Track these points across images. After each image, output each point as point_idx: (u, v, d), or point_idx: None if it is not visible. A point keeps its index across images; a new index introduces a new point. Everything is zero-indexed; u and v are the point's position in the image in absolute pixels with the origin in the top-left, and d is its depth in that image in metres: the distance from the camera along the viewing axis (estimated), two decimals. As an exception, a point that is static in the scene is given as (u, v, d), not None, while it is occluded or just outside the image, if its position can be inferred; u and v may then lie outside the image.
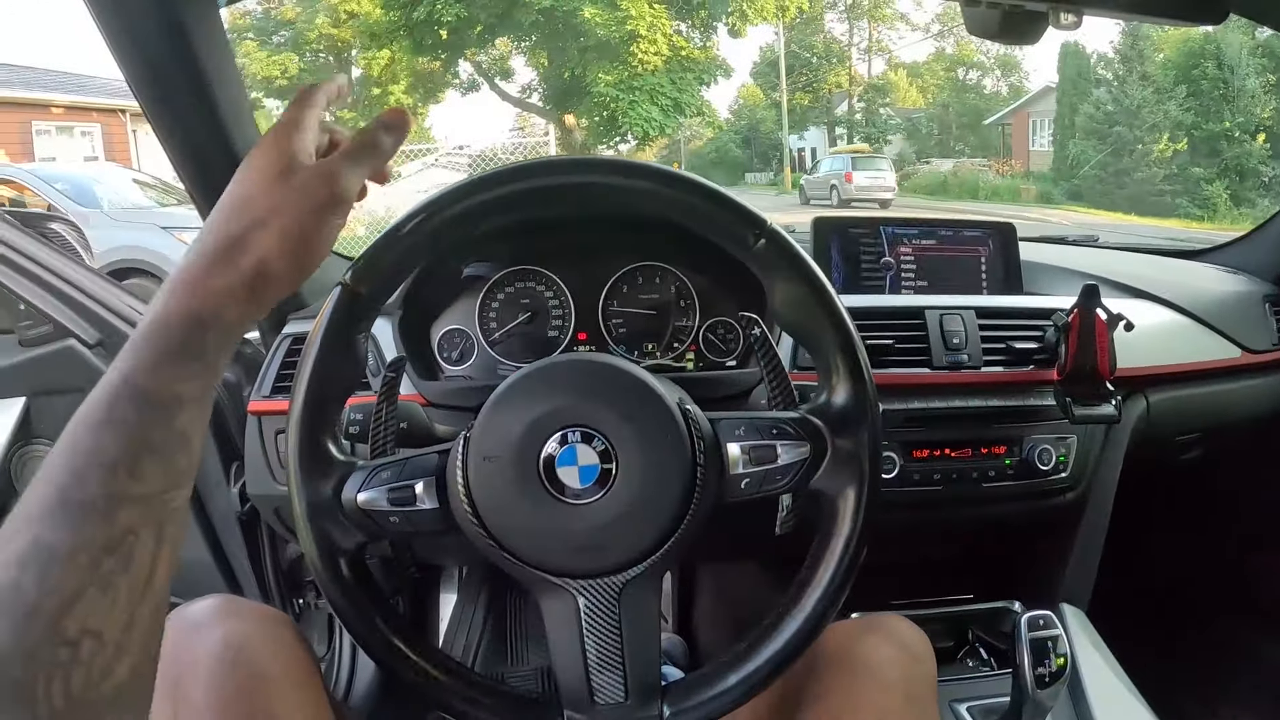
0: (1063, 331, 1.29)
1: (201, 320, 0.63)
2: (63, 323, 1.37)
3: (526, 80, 27.51)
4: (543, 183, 0.83)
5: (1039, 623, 1.15)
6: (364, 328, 0.83)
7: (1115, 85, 21.26)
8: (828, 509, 0.84)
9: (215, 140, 1.28)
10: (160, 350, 0.61)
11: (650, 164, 0.84)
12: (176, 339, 0.62)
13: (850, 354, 0.84)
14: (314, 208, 0.69)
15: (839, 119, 32.49)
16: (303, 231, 0.68)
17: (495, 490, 0.79)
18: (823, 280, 0.84)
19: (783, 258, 0.84)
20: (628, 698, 0.80)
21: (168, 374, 0.61)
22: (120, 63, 1.18)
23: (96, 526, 0.55)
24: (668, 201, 0.83)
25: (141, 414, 0.59)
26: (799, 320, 0.86)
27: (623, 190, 0.83)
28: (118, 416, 0.58)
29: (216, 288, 0.64)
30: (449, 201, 0.82)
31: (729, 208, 0.83)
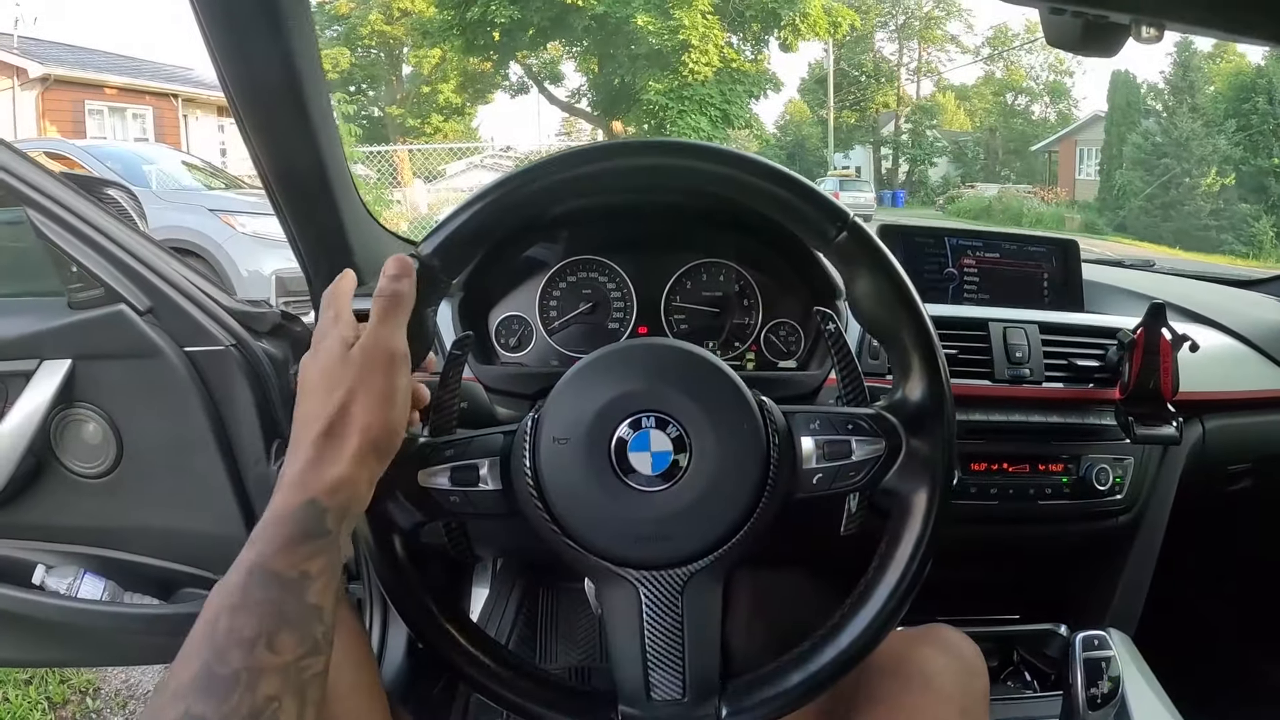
0: (1127, 350, 1.28)
1: (317, 504, 0.68)
2: (114, 287, 1.36)
3: (576, 85, 27.67)
4: (626, 163, 0.83)
5: (1093, 643, 1.14)
6: (434, 301, 0.83)
7: (1164, 116, 21.10)
8: (898, 509, 0.83)
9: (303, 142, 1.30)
10: (286, 536, 0.67)
11: (737, 150, 0.83)
12: (299, 522, 0.67)
13: (928, 351, 0.83)
14: (382, 373, 0.73)
15: (884, 139, 32.38)
16: (382, 395, 0.73)
17: (563, 473, 0.79)
18: (903, 276, 0.83)
19: (865, 251, 0.83)
20: (685, 694, 0.79)
21: (296, 555, 0.66)
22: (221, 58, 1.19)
23: (241, 697, 0.60)
24: (751, 189, 0.82)
25: (273, 594, 0.65)
26: (878, 315, 0.86)
27: (706, 175, 0.82)
28: (252, 599, 0.64)
29: (327, 475, 0.69)
30: (529, 178, 0.81)
31: (813, 199, 0.82)
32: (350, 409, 0.71)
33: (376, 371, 0.73)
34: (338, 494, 0.69)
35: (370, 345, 0.74)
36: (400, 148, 17.07)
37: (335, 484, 0.69)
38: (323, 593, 0.67)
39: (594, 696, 0.83)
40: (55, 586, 1.47)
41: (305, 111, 1.27)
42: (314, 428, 0.71)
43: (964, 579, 1.52)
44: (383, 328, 0.75)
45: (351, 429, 0.71)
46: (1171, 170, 19.70)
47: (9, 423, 1.38)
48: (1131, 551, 1.48)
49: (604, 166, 0.82)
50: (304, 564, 0.66)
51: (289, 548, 0.66)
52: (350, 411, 0.71)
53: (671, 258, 1.40)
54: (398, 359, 0.75)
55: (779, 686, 0.80)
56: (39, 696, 2.36)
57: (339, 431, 0.71)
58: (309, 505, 0.68)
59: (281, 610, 0.64)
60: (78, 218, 1.36)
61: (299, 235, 1.40)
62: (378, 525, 0.82)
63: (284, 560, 0.66)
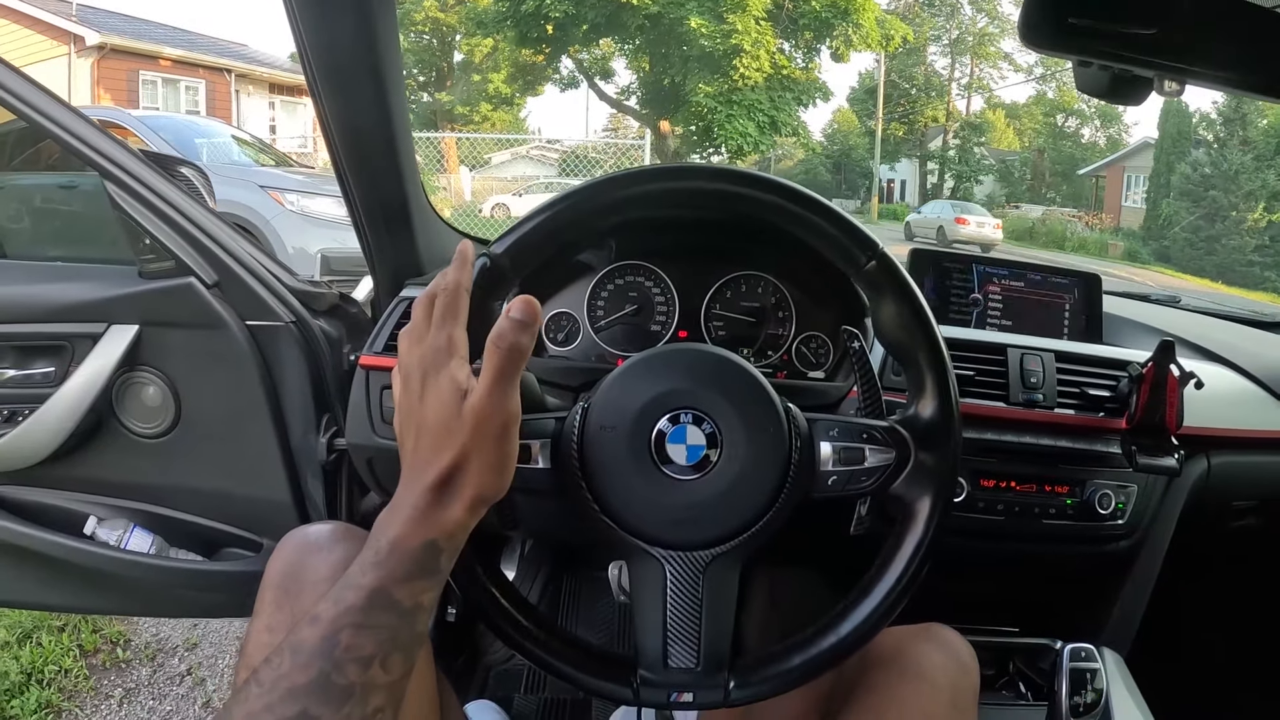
0: (1136, 382, 1.33)
1: (436, 545, 0.74)
2: (185, 260, 1.44)
3: (626, 83, 27.58)
4: (690, 185, 0.92)
5: (1080, 654, 1.20)
6: (501, 295, 0.91)
7: (1215, 148, 20.82)
8: (902, 514, 0.92)
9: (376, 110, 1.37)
10: (408, 570, 0.72)
11: (781, 180, 0.92)
12: (419, 560, 0.73)
13: (941, 375, 0.91)
14: (495, 440, 0.75)
15: (932, 154, 32.17)
16: (495, 462, 0.76)
17: (606, 458, 0.88)
18: (924, 305, 0.92)
19: (890, 280, 0.92)
20: (698, 665, 0.88)
21: (414, 588, 0.72)
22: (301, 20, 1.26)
23: (354, 706, 0.67)
24: (791, 216, 0.91)
25: (392, 619, 0.71)
26: (898, 338, 0.94)
27: (753, 201, 0.91)
28: (374, 621, 0.70)
29: (445, 520, 0.74)
30: (597, 192, 0.91)
31: (846, 229, 0.91)
32: (465, 468, 0.74)
33: (490, 438, 0.75)
34: (453, 538, 0.75)
35: (488, 410, 0.74)
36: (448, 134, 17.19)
37: (452, 529, 0.74)
38: (427, 623, 0.75)
39: (617, 660, 0.91)
40: (105, 538, 1.55)
41: (381, 80, 1.34)
42: (429, 474, 0.74)
43: (967, 590, 1.58)
44: (499, 387, 0.75)
45: (467, 485, 0.74)
46: (1218, 203, 19.48)
47: (74, 381, 1.46)
48: (1130, 576, 1.53)
49: (669, 187, 0.92)
50: (419, 596, 0.73)
51: (410, 580, 0.72)
52: (465, 470, 0.74)
53: (714, 268, 1.48)
54: (511, 424, 0.76)
55: (782, 666, 0.89)
56: (71, 644, 2.46)
57: (455, 485, 0.74)
58: (430, 546, 0.73)
59: (397, 636, 0.71)
60: (152, 192, 1.43)
61: (362, 210, 1.47)
62: None
63: (405, 591, 0.72)
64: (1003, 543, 1.41)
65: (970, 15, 31.59)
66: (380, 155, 1.42)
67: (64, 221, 2.30)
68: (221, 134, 8.88)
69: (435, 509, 0.74)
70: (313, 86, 1.33)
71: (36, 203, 2.29)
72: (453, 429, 0.74)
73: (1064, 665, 1.19)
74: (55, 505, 1.60)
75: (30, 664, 2.34)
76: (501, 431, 0.75)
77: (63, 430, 1.49)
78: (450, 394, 0.75)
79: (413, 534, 0.73)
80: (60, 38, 15.09)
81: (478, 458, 0.75)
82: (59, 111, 1.39)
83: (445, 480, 0.74)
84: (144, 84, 16.48)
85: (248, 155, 8.47)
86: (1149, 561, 1.51)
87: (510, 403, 0.76)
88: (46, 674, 2.33)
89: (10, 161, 2.44)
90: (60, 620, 2.55)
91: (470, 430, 0.74)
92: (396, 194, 1.47)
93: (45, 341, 1.50)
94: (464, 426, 0.74)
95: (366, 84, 1.34)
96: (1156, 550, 1.51)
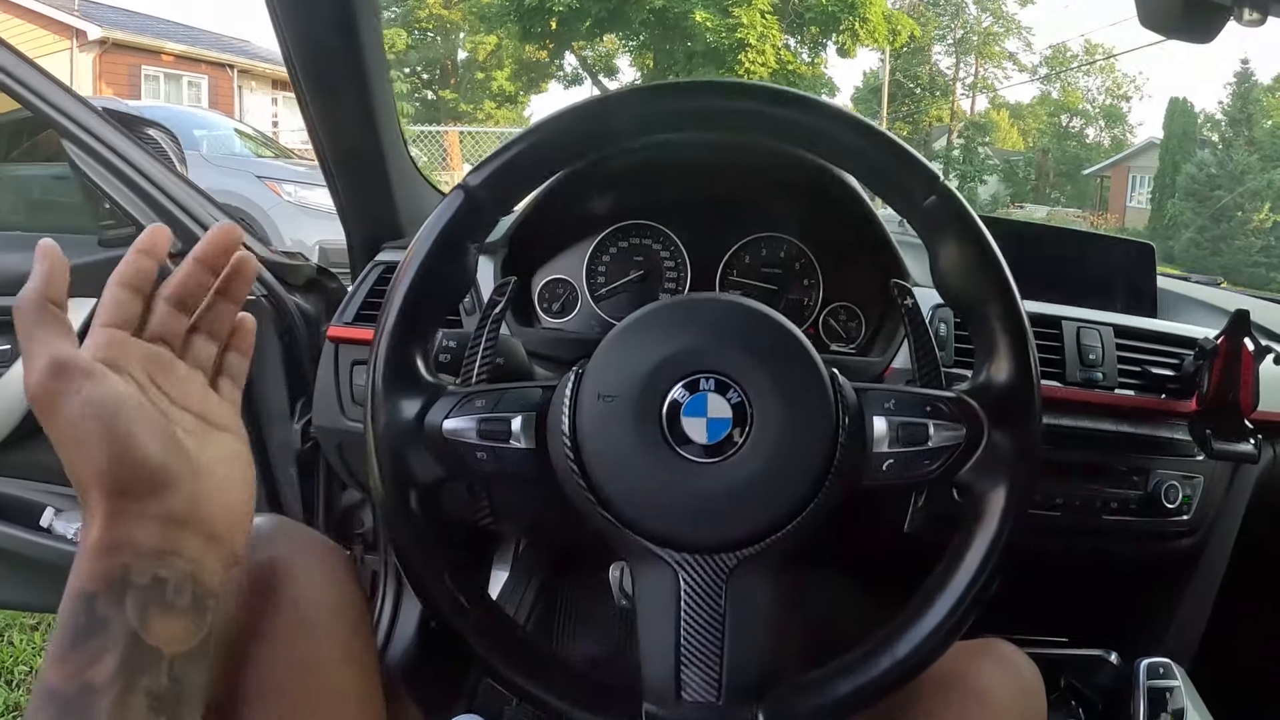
0: (1208, 358, 1.19)
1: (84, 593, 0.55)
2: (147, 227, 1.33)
3: (630, 79, 27.55)
4: (710, 104, 0.75)
5: (1158, 671, 1.07)
6: (479, 236, 0.76)
7: (1220, 148, 20.85)
8: (972, 507, 0.76)
9: (361, 119, 1.30)
10: (58, 643, 0.54)
11: (824, 101, 0.75)
12: (68, 626, 0.54)
13: (1018, 331, 0.75)
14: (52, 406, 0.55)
15: (936, 153, 32.11)
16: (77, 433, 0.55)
17: (605, 435, 0.71)
18: (995, 248, 0.75)
19: (955, 218, 0.75)
20: (720, 698, 0.71)
21: (70, 665, 0.53)
22: (282, 16, 1.18)
23: None
24: (836, 145, 0.75)
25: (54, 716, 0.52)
26: (964, 288, 0.78)
27: (791, 124, 0.74)
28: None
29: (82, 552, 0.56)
30: (606, 109, 0.75)
31: (903, 158, 0.75)
32: (70, 467, 0.56)
33: (44, 407, 0.55)
34: (101, 568, 0.55)
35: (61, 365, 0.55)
36: (451, 129, 17.13)
37: (92, 558, 0.55)
38: (118, 707, 0.53)
39: (617, 692, 0.74)
40: (63, 530, 1.46)
41: (364, 78, 1.26)
42: None
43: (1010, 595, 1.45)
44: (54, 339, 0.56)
45: (83, 486, 0.56)
46: (1224, 203, 19.41)
47: (27, 359, 1.35)
48: (1192, 579, 1.39)
49: (688, 105, 0.75)
50: (83, 673, 0.52)
51: (62, 656, 0.53)
52: (71, 468, 0.56)
53: (730, 229, 1.33)
54: (58, 375, 0.55)
55: (826, 696, 0.72)
56: (43, 642, 2.35)
57: (81, 493, 0.56)
58: (76, 597, 0.54)
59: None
60: (115, 154, 1.33)
61: (331, 154, 1.36)
62: (391, 478, 0.74)
63: (59, 673, 0.52)
64: (1053, 540, 1.26)
65: (975, 14, 31.53)
66: (351, 97, 1.30)
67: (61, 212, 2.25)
68: (223, 126, 9.12)
69: (81, 545, 0.56)
70: (294, 75, 1.24)
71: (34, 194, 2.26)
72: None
73: (1141, 683, 1.05)
74: (9, 495, 1.49)
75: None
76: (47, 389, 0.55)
77: (16, 413, 1.39)
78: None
79: (67, 590, 0.55)
80: (62, 32, 15.13)
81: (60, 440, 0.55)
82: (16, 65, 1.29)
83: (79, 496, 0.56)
84: (146, 79, 16.56)
85: (248, 148, 8.57)
86: (1215, 561, 1.37)
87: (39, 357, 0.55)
88: (16, 675, 2.22)
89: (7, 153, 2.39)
90: (34, 619, 2.43)
91: (43, 418, 0.55)
92: (370, 142, 1.34)
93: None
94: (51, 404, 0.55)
95: (348, 72, 1.25)
96: (1223, 548, 1.37)
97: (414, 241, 0.75)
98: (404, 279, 0.74)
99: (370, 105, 1.30)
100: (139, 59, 16.30)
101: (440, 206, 0.75)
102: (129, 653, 0.54)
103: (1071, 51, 31.77)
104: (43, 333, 0.56)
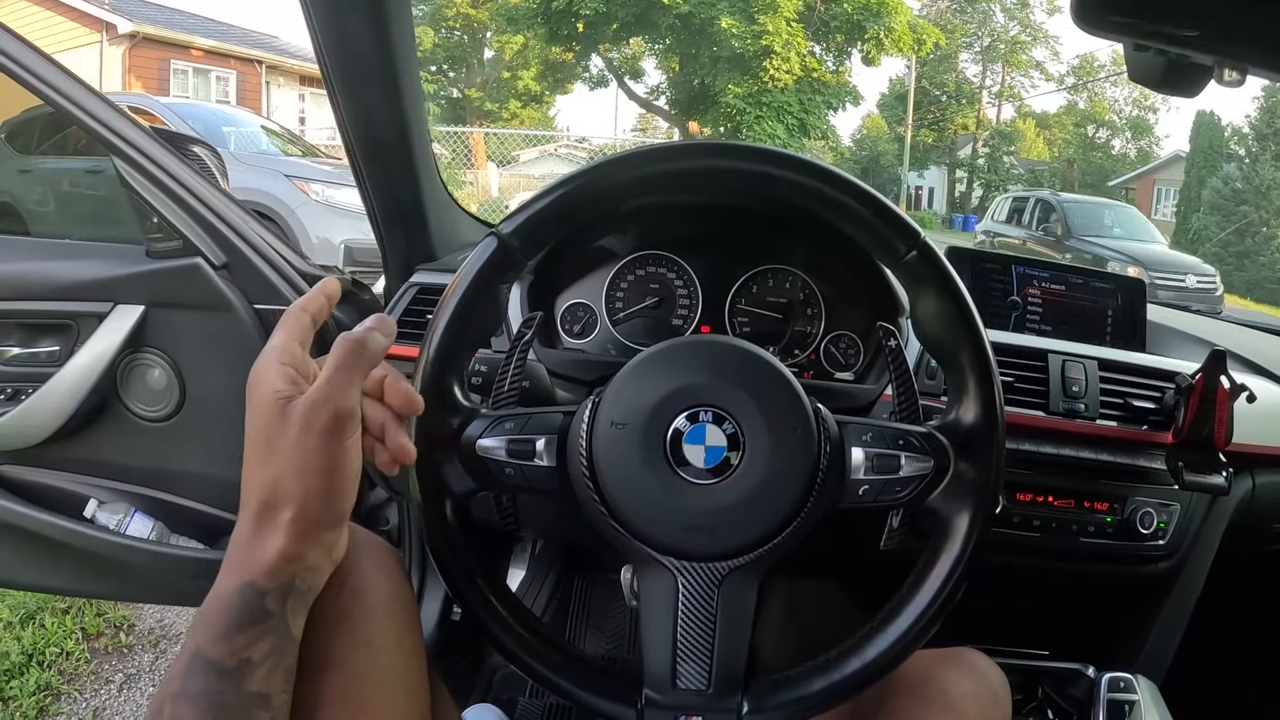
0: (1184, 394, 1.26)
1: (255, 588, 0.65)
2: (193, 240, 1.40)
3: (655, 82, 27.49)
4: (714, 164, 0.84)
5: (1119, 685, 1.14)
6: (509, 278, 0.86)
7: (1247, 162, 20.60)
8: (938, 530, 0.85)
9: (390, 109, 1.34)
10: (224, 620, 0.64)
11: (817, 161, 0.84)
12: (235, 609, 0.64)
13: (985, 376, 0.84)
14: (320, 438, 0.66)
15: (960, 161, 31.95)
16: (320, 466, 0.66)
17: (617, 457, 0.81)
18: (969, 301, 0.84)
19: (932, 272, 0.84)
20: (710, 687, 0.81)
21: (234, 643, 0.64)
22: (316, 17, 1.22)
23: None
24: (829, 201, 0.83)
25: (212, 684, 0.63)
26: (939, 336, 0.87)
27: (787, 183, 0.83)
28: (193, 688, 0.63)
29: (262, 555, 0.66)
30: (621, 167, 0.83)
31: (887, 216, 0.84)
32: (283, 482, 0.66)
33: (315, 433, 0.66)
34: (277, 574, 0.66)
35: (313, 400, 0.66)
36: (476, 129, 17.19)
37: (272, 565, 0.65)
38: (267, 678, 0.65)
39: (621, 678, 0.84)
40: (105, 521, 1.52)
41: (395, 78, 1.30)
42: (250, 502, 0.67)
43: (996, 609, 1.51)
44: (335, 378, 0.68)
45: (285, 504, 0.66)
46: (1249, 218, 19.24)
47: (78, 360, 1.43)
48: (1168, 600, 1.46)
49: (693, 165, 0.84)
50: (245, 651, 0.64)
51: (229, 635, 0.64)
52: (283, 485, 0.66)
53: (739, 260, 1.40)
54: (342, 421, 0.67)
55: (801, 691, 0.82)
56: (74, 626, 2.44)
57: (274, 507, 0.66)
58: (245, 589, 0.65)
59: (221, 701, 0.63)
60: (162, 170, 1.39)
61: (376, 201, 1.42)
62: (430, 489, 0.83)
63: (222, 648, 0.63)
64: (1036, 560, 1.34)
65: (1002, 23, 31.33)
66: (393, 144, 1.37)
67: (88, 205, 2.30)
68: (250, 123, 9.00)
69: (252, 544, 0.66)
70: (326, 76, 1.29)
71: (64, 186, 2.30)
72: (273, 438, 0.66)
73: (1102, 695, 1.12)
74: (56, 486, 1.56)
75: (32, 645, 2.32)
76: (329, 426, 0.66)
77: (65, 410, 1.45)
78: (269, 400, 0.67)
79: (227, 578, 0.65)
80: (92, 25, 15.22)
81: (297, 463, 0.66)
82: (67, 84, 1.35)
83: (265, 505, 0.66)
84: (175, 73, 16.63)
85: (276, 145, 8.55)
86: (1188, 585, 1.44)
87: (344, 397, 0.67)
88: (48, 656, 2.31)
89: (38, 146, 2.45)
90: (65, 602, 2.53)
91: (294, 435, 0.66)
92: (409, 183, 1.42)
93: (51, 320, 1.47)
94: (285, 432, 0.66)
95: (380, 73, 1.30)
96: (1197, 573, 1.44)
97: (451, 283, 0.84)
98: (442, 318, 0.83)
99: (400, 101, 1.36)
100: (168, 53, 16.39)
101: (475, 251, 0.83)
102: (280, 639, 0.66)
103: (1099, 61, 31.45)
104: (352, 375, 0.68)
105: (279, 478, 0.66)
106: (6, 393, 1.47)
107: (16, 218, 2.28)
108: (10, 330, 1.49)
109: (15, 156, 2.53)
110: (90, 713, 2.15)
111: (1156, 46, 0.95)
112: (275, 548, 0.66)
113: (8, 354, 1.49)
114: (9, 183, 2.48)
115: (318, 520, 0.68)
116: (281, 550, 0.66)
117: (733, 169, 0.84)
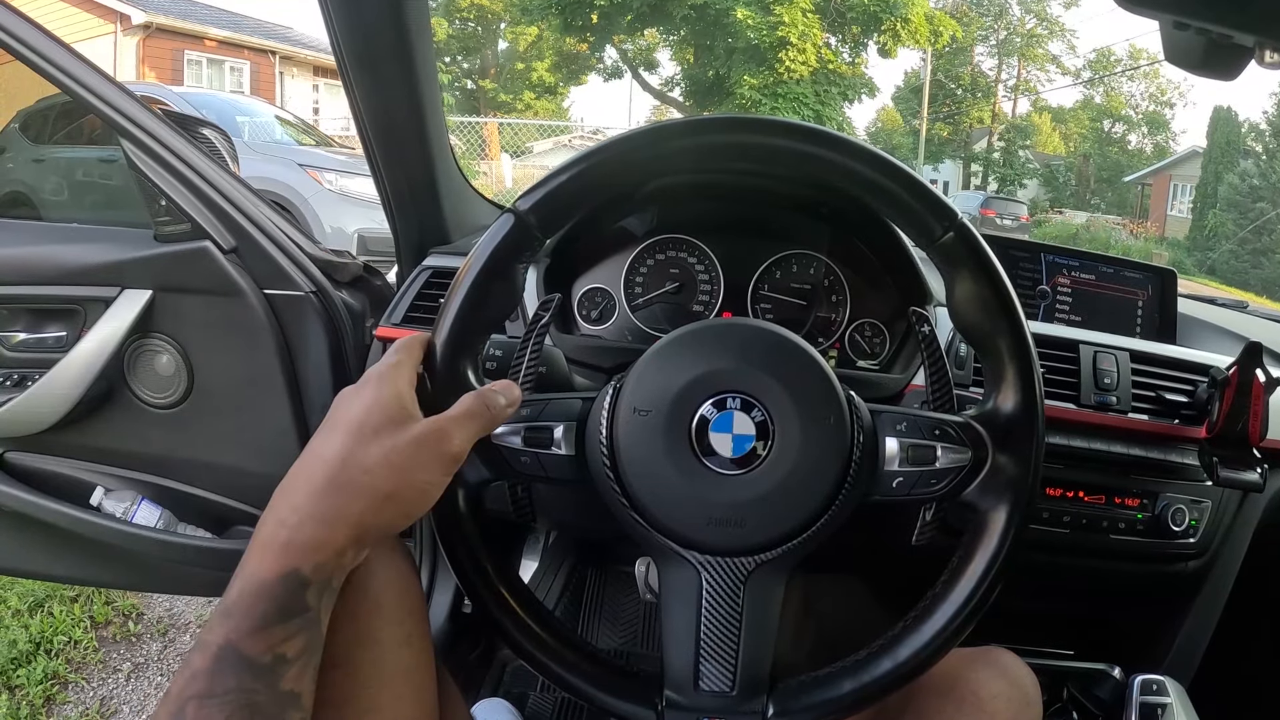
0: (1219, 387, 1.22)
1: (300, 577, 0.62)
2: (201, 224, 1.37)
3: (670, 74, 27.43)
4: (741, 139, 0.79)
5: (1151, 688, 1.10)
6: (526, 258, 0.81)
7: (1264, 159, 20.47)
8: (974, 525, 0.81)
9: (405, 95, 1.32)
10: (262, 611, 0.61)
11: (851, 138, 0.79)
12: (276, 599, 0.61)
13: (1025, 363, 0.80)
14: (426, 464, 0.67)
15: (976, 155, 31.79)
16: (417, 483, 0.67)
17: (639, 446, 0.77)
18: (1007, 283, 0.80)
19: (970, 254, 0.80)
20: (734, 688, 0.77)
21: (271, 636, 0.61)
22: (334, 13, 1.21)
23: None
24: (863, 180, 0.79)
25: (244, 681, 0.59)
26: (976, 320, 0.82)
27: (819, 160, 0.78)
28: (221, 687, 0.59)
29: (319, 542, 0.63)
30: (645, 142, 0.79)
31: (923, 196, 0.79)
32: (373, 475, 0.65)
33: (420, 465, 0.67)
34: (324, 567, 0.63)
35: (431, 431, 0.68)
36: (491, 119, 17.19)
37: (325, 557, 0.63)
38: (299, 677, 0.62)
39: (639, 679, 0.81)
40: (112, 509, 1.50)
41: (410, 54, 1.28)
42: (315, 477, 0.65)
43: (1019, 606, 1.48)
44: (461, 420, 0.70)
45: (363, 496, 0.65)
46: (1266, 215, 19.10)
47: (85, 346, 1.41)
48: (1197, 599, 1.42)
49: (722, 140, 0.79)
50: (280, 646, 0.61)
51: (266, 628, 0.60)
52: (372, 479, 0.65)
53: (763, 245, 1.37)
54: (451, 461, 0.69)
55: (829, 693, 0.78)
56: (82, 615, 2.42)
57: (348, 490, 0.65)
58: (289, 578, 0.62)
59: (254, 699, 0.59)
60: (171, 153, 1.37)
61: (389, 183, 1.41)
62: None
63: (259, 643, 0.60)
64: (1064, 558, 1.30)
65: (1019, 16, 31.09)
66: (407, 122, 1.35)
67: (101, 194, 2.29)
68: (264, 113, 9.03)
69: (309, 525, 0.63)
70: (340, 62, 1.28)
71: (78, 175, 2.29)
72: (381, 433, 0.66)
73: (1134, 698, 1.08)
74: (62, 473, 1.54)
75: (40, 633, 2.30)
76: (440, 458, 0.68)
77: (72, 396, 1.43)
78: (393, 401, 0.68)
79: (265, 564, 0.62)
80: (106, 16, 15.24)
81: (397, 466, 0.65)
82: (73, 64, 1.33)
83: (339, 487, 0.64)
84: (189, 64, 16.68)
85: (289, 135, 8.55)
86: (1219, 584, 1.40)
87: (462, 441, 0.69)
88: (55, 644, 2.29)
89: (51, 135, 2.45)
90: (73, 591, 2.52)
91: (407, 441, 0.66)
92: (424, 164, 1.40)
93: (57, 304, 1.44)
94: (398, 434, 0.66)
95: (396, 59, 1.28)
96: (1228, 572, 1.40)
97: (465, 261, 0.79)
98: (456, 296, 0.79)
99: (417, 89, 1.34)
100: (182, 44, 16.42)
101: (491, 229, 0.79)
102: (313, 636, 0.64)
103: (1116, 56, 31.29)
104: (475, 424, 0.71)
105: (371, 469, 0.65)
106: (13, 379, 1.45)
107: (30, 207, 2.29)
108: (17, 315, 1.47)
109: (29, 146, 2.52)
110: (97, 701, 2.12)
111: (1198, 25, 0.91)
112: (334, 540, 0.64)
113: (14, 339, 1.46)
114: (23, 172, 2.46)
115: (380, 526, 0.67)
116: (337, 545, 0.64)
117: (763, 145, 0.79)
